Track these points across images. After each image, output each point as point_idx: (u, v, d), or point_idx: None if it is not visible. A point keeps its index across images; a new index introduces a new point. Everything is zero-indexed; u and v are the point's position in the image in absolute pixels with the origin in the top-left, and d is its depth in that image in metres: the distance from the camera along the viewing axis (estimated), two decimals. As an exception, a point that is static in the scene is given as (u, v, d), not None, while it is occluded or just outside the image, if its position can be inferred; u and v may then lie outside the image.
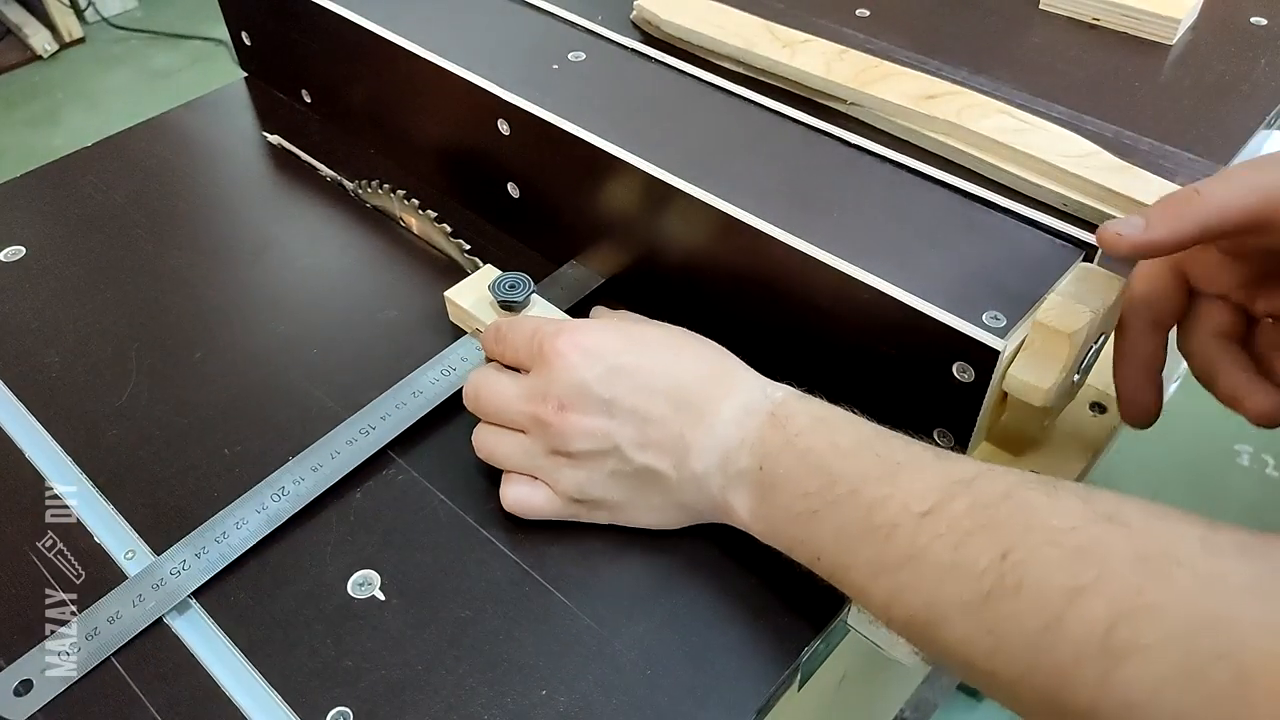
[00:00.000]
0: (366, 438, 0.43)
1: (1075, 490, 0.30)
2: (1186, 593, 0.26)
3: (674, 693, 0.36)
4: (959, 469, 0.33)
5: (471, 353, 0.47)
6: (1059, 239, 0.40)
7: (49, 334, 0.50)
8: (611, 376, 0.38)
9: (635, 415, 0.37)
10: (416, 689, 0.36)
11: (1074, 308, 0.37)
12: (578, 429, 0.38)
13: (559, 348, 0.38)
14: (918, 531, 0.31)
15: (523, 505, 0.40)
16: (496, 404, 0.40)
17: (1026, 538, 0.29)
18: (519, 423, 0.39)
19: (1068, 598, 0.27)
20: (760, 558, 0.39)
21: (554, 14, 0.55)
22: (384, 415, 0.44)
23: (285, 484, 0.42)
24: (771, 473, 0.36)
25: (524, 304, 0.46)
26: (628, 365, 0.38)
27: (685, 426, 0.37)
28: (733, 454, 0.37)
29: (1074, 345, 0.36)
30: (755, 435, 0.36)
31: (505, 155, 0.52)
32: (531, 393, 0.39)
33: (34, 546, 0.41)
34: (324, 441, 0.43)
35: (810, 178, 0.44)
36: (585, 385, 0.38)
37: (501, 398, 0.40)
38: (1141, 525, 0.28)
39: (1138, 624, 0.26)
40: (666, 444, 0.37)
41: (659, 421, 0.37)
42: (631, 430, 0.38)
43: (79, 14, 2.28)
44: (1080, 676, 0.26)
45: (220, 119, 0.66)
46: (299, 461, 0.43)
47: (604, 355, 0.38)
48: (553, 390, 0.38)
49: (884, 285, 0.38)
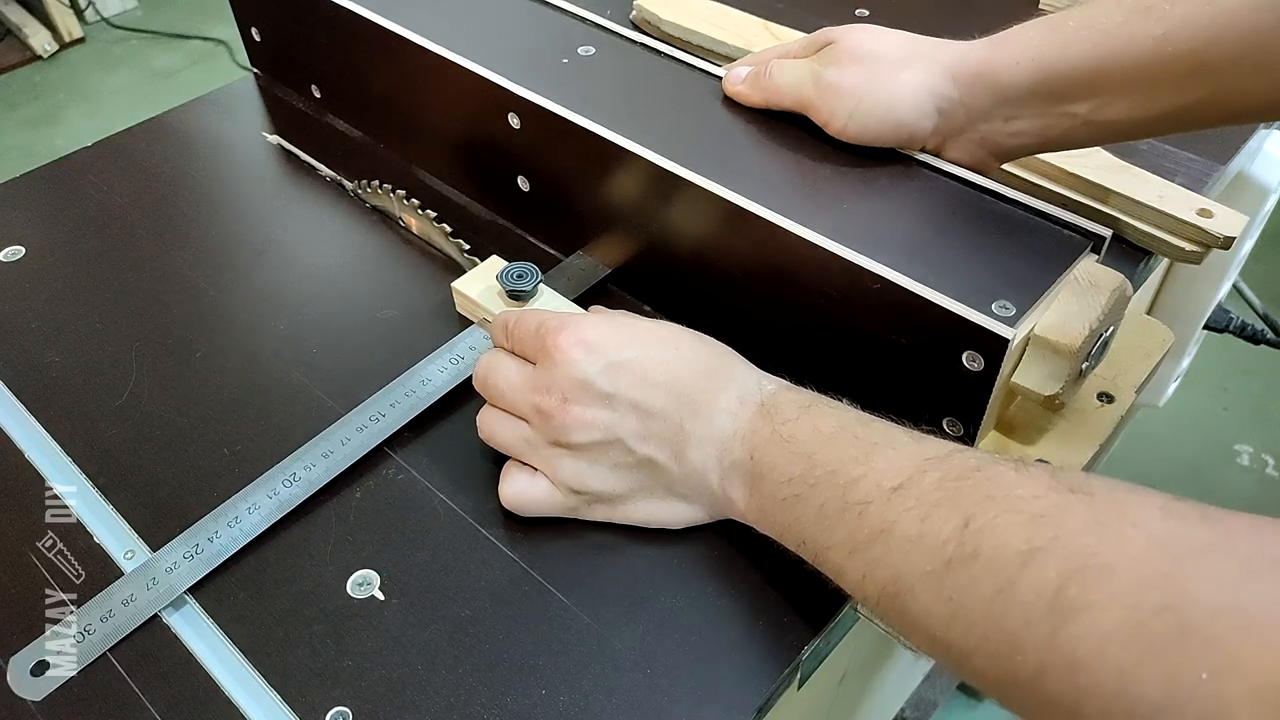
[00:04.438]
0: (376, 424, 0.44)
1: (1045, 468, 0.30)
2: (1139, 552, 0.25)
3: (674, 692, 0.36)
4: (933, 448, 0.33)
5: (479, 342, 0.47)
6: (1066, 229, 0.40)
7: (49, 334, 0.50)
8: (613, 371, 0.38)
9: (636, 409, 0.38)
10: (416, 689, 0.36)
11: (1073, 319, 0.37)
12: (580, 421, 0.38)
13: (561, 343, 0.39)
14: (888, 506, 0.32)
15: (522, 499, 0.40)
16: (503, 390, 0.41)
17: (988, 506, 0.29)
18: (522, 411, 0.40)
19: (1021, 560, 0.27)
20: (760, 557, 0.39)
21: (563, 8, 0.55)
22: (393, 403, 0.44)
23: (297, 470, 0.42)
24: (760, 461, 0.36)
25: (531, 294, 0.47)
26: (629, 360, 0.38)
27: (684, 419, 0.38)
28: (727, 445, 0.38)
29: (1075, 357, 0.37)
30: (747, 426, 0.37)
31: (516, 148, 0.52)
32: (536, 384, 0.39)
33: (34, 546, 0.41)
34: (335, 427, 0.44)
35: (819, 169, 0.44)
36: (587, 380, 0.38)
37: (508, 384, 0.40)
38: (1105, 495, 0.28)
39: (1086, 582, 0.26)
40: (666, 436, 0.38)
41: (659, 414, 0.38)
42: (633, 422, 0.38)
43: (79, 14, 2.28)
44: (1030, 638, 0.26)
45: (221, 118, 0.66)
46: (310, 447, 0.43)
47: (605, 351, 0.38)
48: (556, 384, 0.38)
49: (894, 275, 0.38)
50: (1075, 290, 0.38)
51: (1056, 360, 0.37)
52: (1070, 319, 0.37)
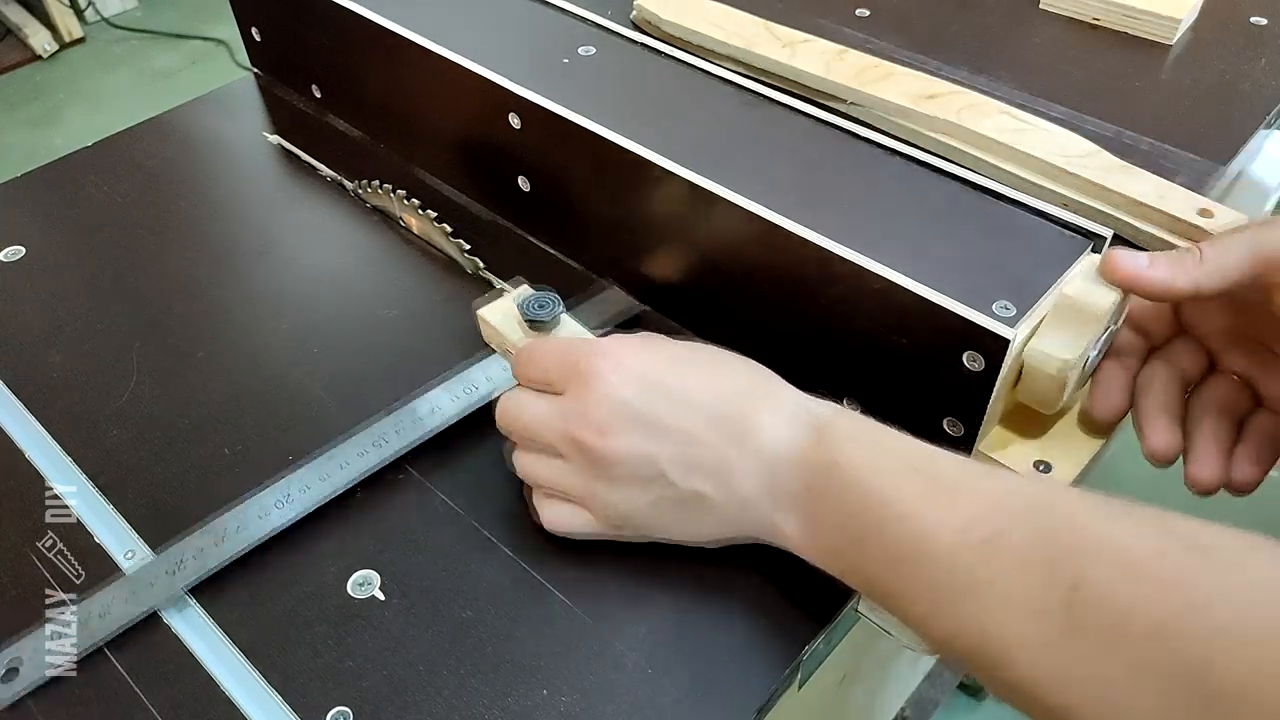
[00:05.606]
0: (379, 450, 0.43)
1: (1151, 515, 0.28)
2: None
3: (675, 692, 0.36)
4: (1016, 486, 0.31)
5: (496, 373, 0.46)
6: (1067, 229, 0.41)
7: (49, 334, 0.50)
8: (652, 395, 0.36)
9: (677, 435, 0.36)
10: (417, 689, 0.36)
11: (1098, 288, 0.37)
12: (619, 453, 0.36)
13: (596, 367, 0.37)
14: (977, 561, 0.30)
15: (562, 526, 0.39)
16: (534, 429, 0.38)
17: (1097, 567, 0.27)
18: (557, 447, 0.38)
19: (1150, 635, 0.26)
20: (761, 557, 0.39)
21: (563, 8, 0.56)
22: (398, 430, 0.43)
23: (291, 491, 0.41)
24: (817, 494, 0.34)
25: (552, 323, 0.44)
26: (668, 383, 0.36)
27: (728, 446, 0.36)
28: (779, 475, 0.35)
29: (1098, 322, 0.37)
30: (799, 454, 0.35)
31: (516, 148, 0.52)
32: (568, 414, 0.37)
33: (34, 546, 0.41)
34: (335, 451, 0.43)
35: (820, 170, 0.44)
36: (626, 404, 0.36)
37: (538, 422, 0.38)
38: (1221, 550, 0.26)
39: (1235, 665, 0.24)
40: (711, 465, 0.36)
41: (702, 441, 0.36)
42: (674, 450, 0.36)
43: (79, 14, 2.28)
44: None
45: (221, 118, 0.66)
46: (308, 469, 0.42)
47: (643, 373, 0.37)
48: (592, 412, 0.36)
49: (895, 275, 0.38)
50: (1090, 271, 0.38)
51: (1079, 329, 0.37)
52: (1096, 294, 0.37)
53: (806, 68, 0.54)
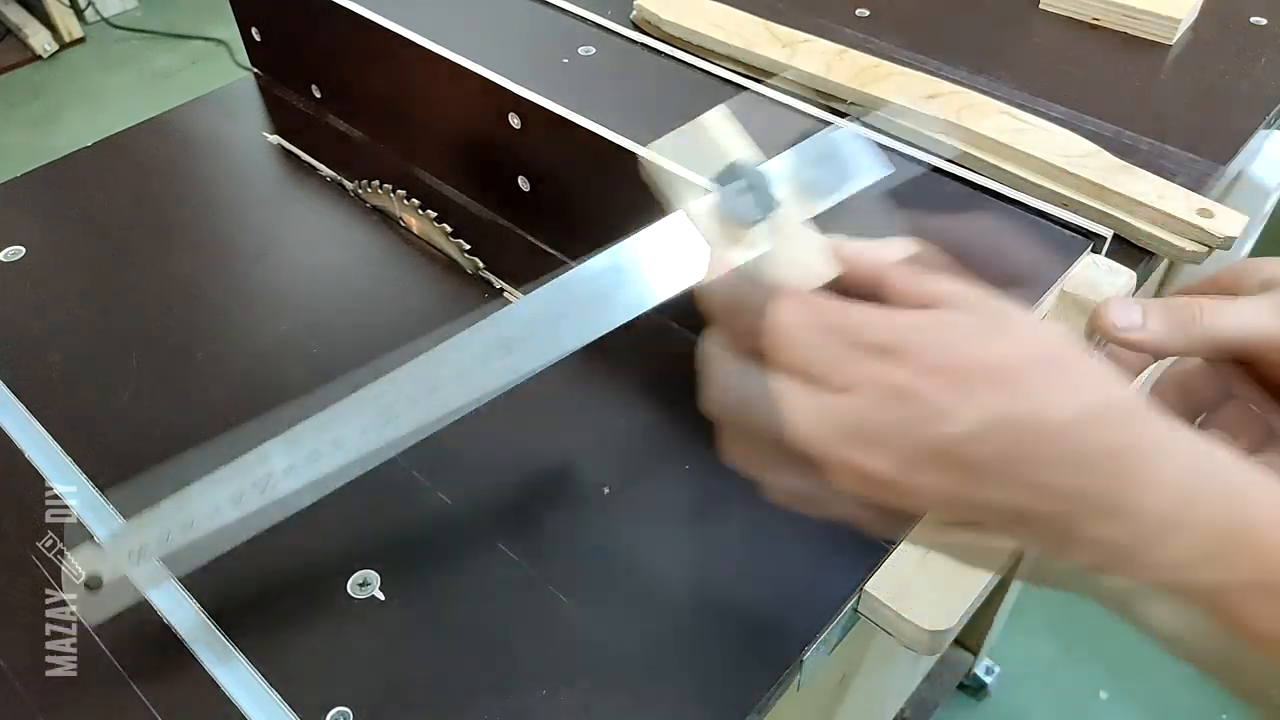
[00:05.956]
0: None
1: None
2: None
3: (674, 692, 0.36)
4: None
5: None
6: (1068, 229, 0.41)
7: (49, 334, 0.50)
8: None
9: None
10: (417, 688, 0.36)
11: (1098, 286, 0.37)
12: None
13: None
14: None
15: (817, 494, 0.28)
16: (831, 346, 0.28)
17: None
18: (857, 375, 0.27)
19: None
20: (760, 556, 0.39)
21: (563, 8, 0.56)
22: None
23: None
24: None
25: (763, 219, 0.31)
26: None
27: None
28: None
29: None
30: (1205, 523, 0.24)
31: (516, 148, 0.52)
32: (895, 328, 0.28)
33: (34, 546, 0.41)
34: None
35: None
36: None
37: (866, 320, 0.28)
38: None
39: None
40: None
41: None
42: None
43: (79, 14, 2.28)
44: None
45: (222, 118, 0.66)
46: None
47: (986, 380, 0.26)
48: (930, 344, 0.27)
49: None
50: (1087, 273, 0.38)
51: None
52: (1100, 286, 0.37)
53: (806, 67, 0.54)
